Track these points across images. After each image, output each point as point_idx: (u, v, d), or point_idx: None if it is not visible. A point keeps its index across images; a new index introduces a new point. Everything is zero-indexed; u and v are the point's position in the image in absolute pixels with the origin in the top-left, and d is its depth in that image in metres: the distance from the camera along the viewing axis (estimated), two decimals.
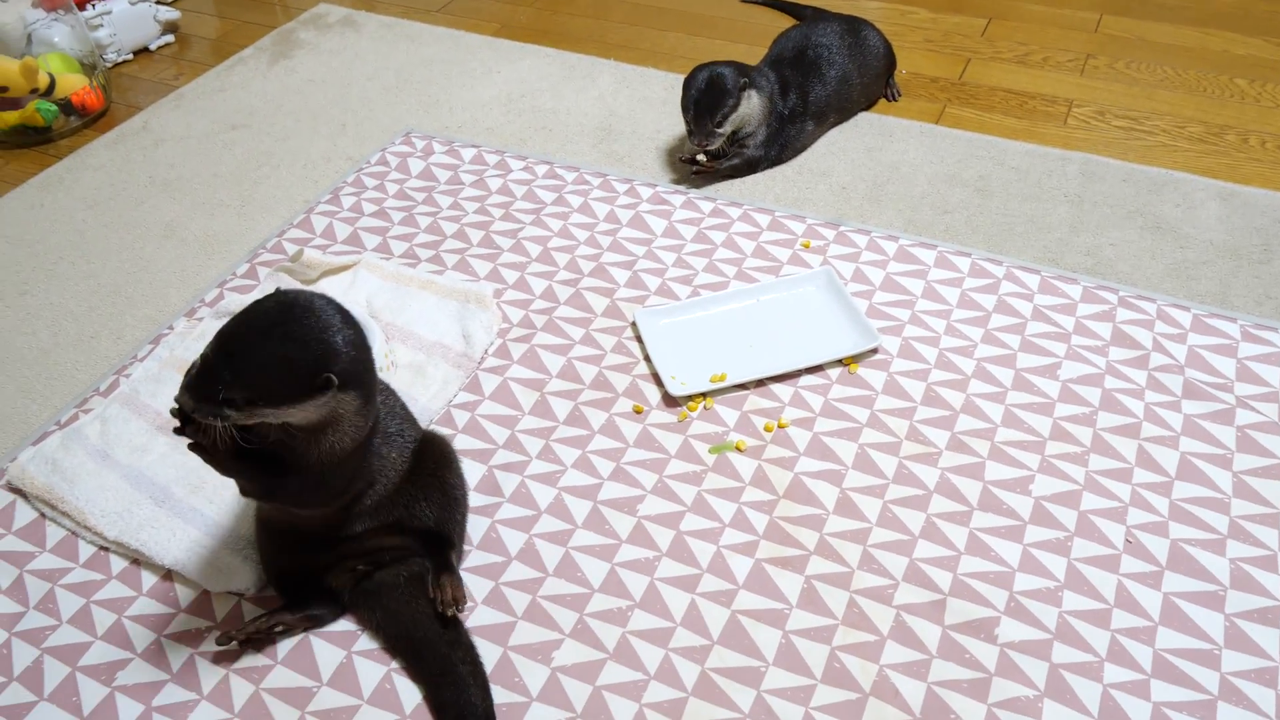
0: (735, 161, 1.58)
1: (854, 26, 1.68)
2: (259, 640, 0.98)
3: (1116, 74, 1.83)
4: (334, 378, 0.82)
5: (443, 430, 1.19)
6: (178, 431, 0.85)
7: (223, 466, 0.88)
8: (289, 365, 0.81)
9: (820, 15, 1.87)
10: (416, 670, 0.96)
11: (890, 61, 1.76)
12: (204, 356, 0.82)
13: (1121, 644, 0.95)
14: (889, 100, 1.78)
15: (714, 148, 1.53)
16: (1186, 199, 1.50)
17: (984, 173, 1.58)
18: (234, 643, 0.96)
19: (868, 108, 1.75)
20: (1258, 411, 1.17)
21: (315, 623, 1.00)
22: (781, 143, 1.60)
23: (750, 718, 0.92)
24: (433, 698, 0.94)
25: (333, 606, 1.01)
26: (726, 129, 1.52)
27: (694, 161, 1.58)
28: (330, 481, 0.90)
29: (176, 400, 0.83)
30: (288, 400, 0.82)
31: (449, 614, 0.94)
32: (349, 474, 0.91)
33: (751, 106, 1.53)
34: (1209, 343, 1.25)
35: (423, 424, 1.16)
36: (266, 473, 0.88)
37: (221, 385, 0.80)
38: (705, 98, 1.49)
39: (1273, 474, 1.10)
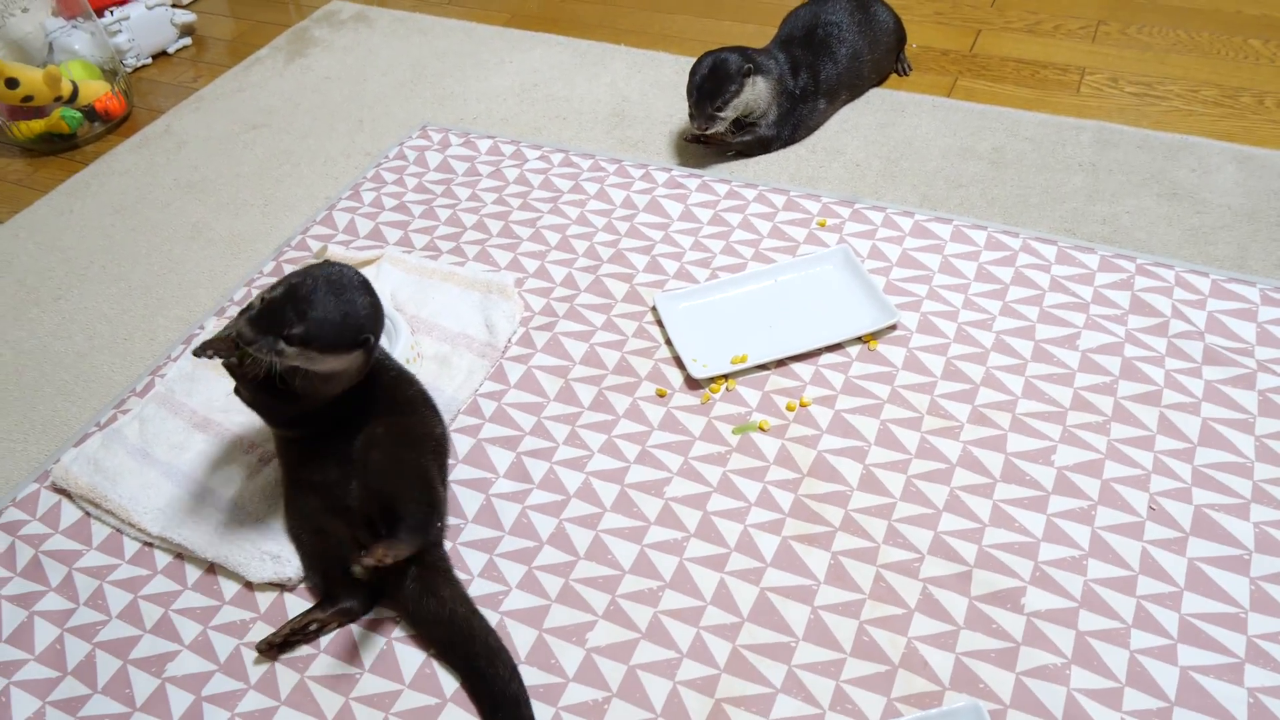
0: (747, 138, 1.59)
1: (863, 3, 1.67)
2: (296, 641, 1.01)
3: (1129, 39, 1.82)
4: (371, 338, 0.97)
5: (470, 420, 1.22)
6: (218, 356, 0.98)
7: (244, 384, 1.01)
8: (345, 320, 0.95)
9: None
10: (445, 659, 0.99)
11: (900, 36, 1.75)
12: (266, 300, 0.93)
13: (1147, 610, 0.97)
14: (900, 75, 1.78)
15: (714, 132, 1.54)
16: (1202, 163, 1.50)
17: (998, 145, 1.58)
18: (273, 648, 0.99)
19: (879, 83, 1.75)
20: (1279, 375, 1.17)
21: (347, 617, 1.02)
22: (794, 122, 1.61)
23: (783, 692, 0.94)
24: (466, 684, 0.97)
25: (362, 598, 1.03)
26: (728, 114, 1.52)
27: (699, 138, 1.59)
28: (306, 409, 1.02)
29: (237, 331, 0.94)
30: (334, 349, 0.95)
31: (354, 570, 0.98)
32: (320, 406, 1.02)
33: (756, 92, 1.53)
34: (1228, 308, 1.25)
35: (449, 415, 1.20)
36: (269, 395, 1.00)
37: (286, 325, 0.92)
38: (708, 83, 1.50)
39: None
